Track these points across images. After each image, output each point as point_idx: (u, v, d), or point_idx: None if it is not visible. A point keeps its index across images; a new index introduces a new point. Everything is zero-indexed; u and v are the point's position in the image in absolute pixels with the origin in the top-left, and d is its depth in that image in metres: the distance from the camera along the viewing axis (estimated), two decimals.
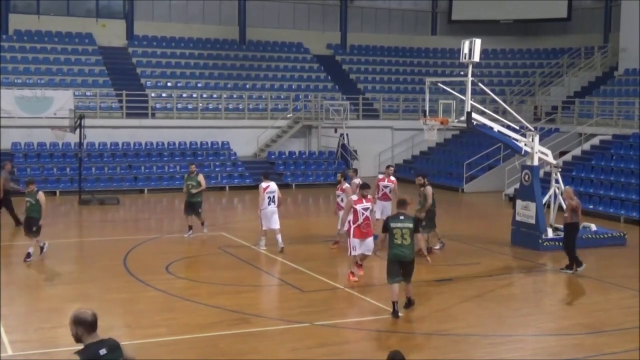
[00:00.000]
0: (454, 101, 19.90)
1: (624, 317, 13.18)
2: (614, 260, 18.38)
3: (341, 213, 17.71)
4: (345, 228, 15.65)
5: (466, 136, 35.36)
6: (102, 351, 6.12)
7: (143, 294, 14.39)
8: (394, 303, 12.91)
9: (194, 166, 20.44)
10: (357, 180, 18.99)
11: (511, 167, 28.63)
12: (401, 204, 13.37)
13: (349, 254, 15.31)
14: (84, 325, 6.19)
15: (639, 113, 30.65)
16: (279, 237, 18.14)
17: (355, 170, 20.79)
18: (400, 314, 12.77)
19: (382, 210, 18.93)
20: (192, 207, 19.88)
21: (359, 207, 15.03)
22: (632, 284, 15.55)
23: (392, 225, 12.88)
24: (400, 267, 12.85)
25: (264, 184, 18.40)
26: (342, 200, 18.12)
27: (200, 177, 19.92)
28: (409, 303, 13.34)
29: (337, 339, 11.84)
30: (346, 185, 18.28)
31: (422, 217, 17.66)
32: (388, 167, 20.90)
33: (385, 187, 19.43)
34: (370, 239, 15.26)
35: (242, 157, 33.36)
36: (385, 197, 19.37)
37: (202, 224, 20.10)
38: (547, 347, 11.85)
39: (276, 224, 18.20)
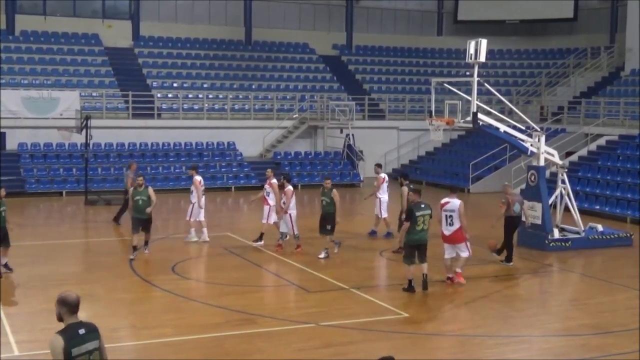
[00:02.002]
0: (459, 101, 19.90)
1: (630, 318, 13.15)
2: (621, 260, 18.34)
3: (284, 216, 18.04)
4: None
5: (472, 136, 35.32)
6: (81, 331, 6.68)
7: (149, 294, 14.41)
8: (409, 280, 14.37)
9: (142, 179, 17.62)
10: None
11: (517, 167, 28.54)
12: (419, 192, 14.74)
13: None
14: (67, 307, 6.78)
15: None
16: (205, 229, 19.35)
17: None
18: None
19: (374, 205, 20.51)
20: (143, 223, 17.31)
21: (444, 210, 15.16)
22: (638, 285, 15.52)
23: (417, 213, 14.24)
24: (417, 250, 14.34)
25: (198, 177, 19.27)
26: (283, 202, 17.99)
27: (150, 191, 17.39)
28: (425, 282, 14.45)
29: (342, 340, 11.83)
30: (289, 187, 18.05)
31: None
32: (376, 165, 21.63)
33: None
34: (462, 244, 15.30)
35: (248, 157, 33.38)
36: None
37: (146, 243, 17.64)
38: (553, 348, 11.84)
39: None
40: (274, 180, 18.87)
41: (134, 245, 17.14)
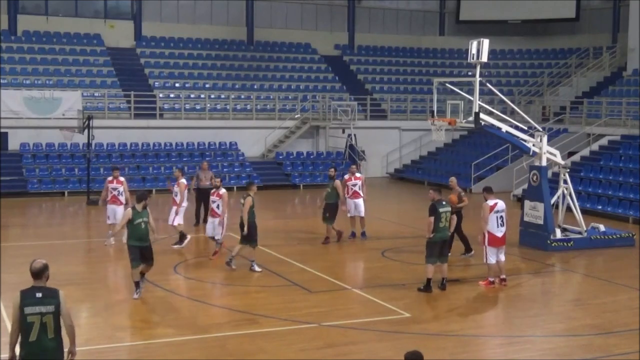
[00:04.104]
0: (462, 101, 19.86)
1: (632, 318, 13.13)
2: (623, 260, 18.31)
3: (216, 220, 17.11)
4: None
5: (474, 137, 35.31)
6: (38, 294, 7.76)
7: (151, 294, 14.39)
8: (429, 280, 14.57)
9: (144, 202, 14.13)
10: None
11: (519, 167, 28.55)
12: (438, 191, 15.00)
13: (485, 261, 15.31)
14: (30, 273, 7.95)
15: None
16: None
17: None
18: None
19: (355, 207, 19.85)
20: (145, 252, 13.95)
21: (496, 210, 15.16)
22: None
23: (441, 210, 14.56)
24: (442, 247, 14.60)
25: (183, 180, 19.16)
26: (217, 206, 17.24)
27: (149, 213, 14.26)
28: (444, 285, 14.73)
29: (344, 340, 11.84)
30: (223, 190, 17.29)
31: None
32: (352, 165, 21.39)
33: (354, 185, 19.98)
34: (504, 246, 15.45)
35: (250, 157, 33.39)
36: (355, 195, 19.88)
37: (143, 274, 14.03)
38: (555, 348, 11.83)
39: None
40: (183, 180, 18.94)
41: (136, 281, 13.92)
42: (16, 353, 7.79)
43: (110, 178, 19.22)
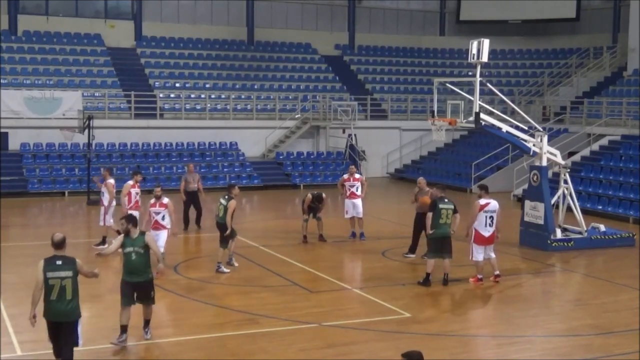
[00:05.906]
0: (462, 101, 19.86)
1: (633, 318, 13.13)
2: (623, 260, 18.31)
3: (160, 233, 15.69)
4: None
5: (474, 137, 35.31)
6: (58, 262, 9.33)
7: None
8: (428, 274, 14.90)
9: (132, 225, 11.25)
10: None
11: (520, 167, 28.56)
12: (443, 188, 15.51)
13: (471, 258, 15.42)
14: (52, 244, 9.51)
15: None
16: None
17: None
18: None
19: (353, 207, 19.86)
20: (139, 290, 11.23)
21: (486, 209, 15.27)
22: None
23: (441, 206, 14.84)
24: (442, 243, 14.84)
25: (111, 180, 18.73)
26: (163, 217, 15.86)
27: (149, 239, 11.32)
28: (446, 280, 14.96)
29: (345, 340, 11.84)
30: (166, 200, 15.92)
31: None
32: (351, 166, 21.55)
33: (352, 186, 19.98)
34: (492, 245, 15.44)
35: (251, 157, 33.39)
36: (353, 196, 19.87)
37: (147, 322, 11.53)
38: (555, 348, 11.84)
39: None
40: (110, 180, 18.55)
41: (122, 324, 11.18)
42: (36, 312, 9.33)
43: (131, 182, 17.87)
